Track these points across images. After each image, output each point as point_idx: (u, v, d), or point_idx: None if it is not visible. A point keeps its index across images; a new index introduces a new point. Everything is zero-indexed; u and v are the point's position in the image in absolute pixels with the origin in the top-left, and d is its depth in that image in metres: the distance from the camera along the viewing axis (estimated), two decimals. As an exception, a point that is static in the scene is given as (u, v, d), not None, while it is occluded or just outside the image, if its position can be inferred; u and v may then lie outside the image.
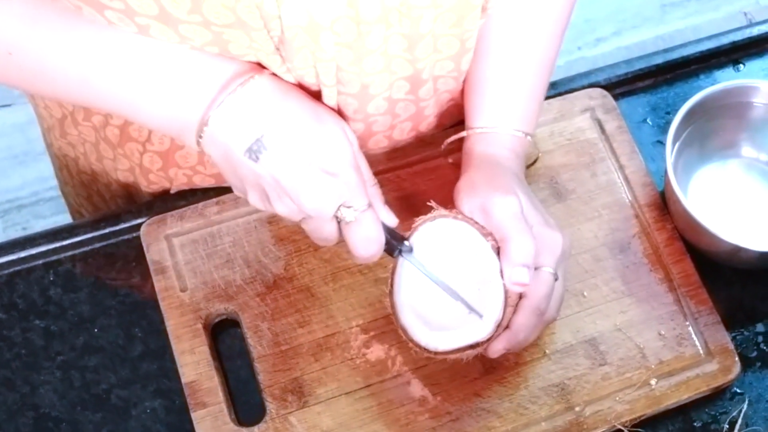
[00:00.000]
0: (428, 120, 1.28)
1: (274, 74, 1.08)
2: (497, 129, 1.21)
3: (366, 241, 1.10)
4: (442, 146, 1.28)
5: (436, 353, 1.12)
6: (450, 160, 1.29)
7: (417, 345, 1.13)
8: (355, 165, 1.07)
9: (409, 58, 1.11)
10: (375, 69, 1.10)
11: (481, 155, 1.21)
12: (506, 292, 1.10)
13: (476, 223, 1.13)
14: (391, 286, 1.16)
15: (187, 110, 1.06)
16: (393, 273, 1.16)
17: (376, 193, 1.13)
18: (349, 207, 1.07)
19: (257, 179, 1.06)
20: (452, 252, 1.14)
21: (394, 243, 1.13)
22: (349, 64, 1.07)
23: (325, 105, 1.11)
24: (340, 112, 1.15)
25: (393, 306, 1.15)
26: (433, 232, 1.14)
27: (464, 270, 1.14)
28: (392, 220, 1.14)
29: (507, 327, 1.11)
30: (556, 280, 1.13)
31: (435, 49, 1.13)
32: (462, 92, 1.27)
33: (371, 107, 1.17)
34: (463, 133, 1.24)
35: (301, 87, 1.10)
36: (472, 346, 1.11)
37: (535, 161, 1.32)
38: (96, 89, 1.07)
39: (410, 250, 1.14)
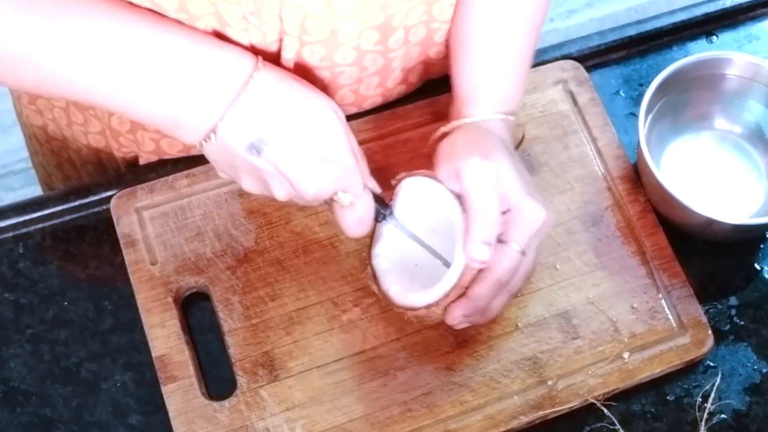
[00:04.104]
0: (395, 75, 1.27)
1: (268, 63, 1.07)
2: (482, 116, 1.19)
3: (359, 223, 1.12)
4: (430, 140, 1.23)
5: (399, 308, 1.15)
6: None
7: (394, 302, 1.15)
8: (351, 149, 1.08)
9: (380, 3, 1.11)
10: (346, 13, 1.10)
11: (468, 121, 1.20)
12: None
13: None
14: (370, 249, 1.17)
15: (190, 116, 1.05)
16: (372, 237, 1.17)
17: (362, 165, 1.13)
18: (346, 192, 1.09)
19: (256, 170, 1.07)
20: (429, 211, 1.16)
21: (378, 208, 1.14)
22: (319, 8, 1.08)
23: (283, 57, 1.12)
24: (302, 64, 1.15)
25: (373, 270, 1.17)
26: (412, 190, 1.15)
27: (440, 228, 1.16)
28: (376, 189, 1.15)
29: (464, 295, 1.11)
30: (523, 254, 1.12)
31: None
32: (435, 49, 1.27)
33: (338, 56, 1.16)
34: (448, 128, 1.20)
35: (262, 53, 1.09)
36: (426, 307, 1.12)
37: (521, 141, 1.31)
38: (84, 81, 1.05)
39: (392, 214, 1.15)
